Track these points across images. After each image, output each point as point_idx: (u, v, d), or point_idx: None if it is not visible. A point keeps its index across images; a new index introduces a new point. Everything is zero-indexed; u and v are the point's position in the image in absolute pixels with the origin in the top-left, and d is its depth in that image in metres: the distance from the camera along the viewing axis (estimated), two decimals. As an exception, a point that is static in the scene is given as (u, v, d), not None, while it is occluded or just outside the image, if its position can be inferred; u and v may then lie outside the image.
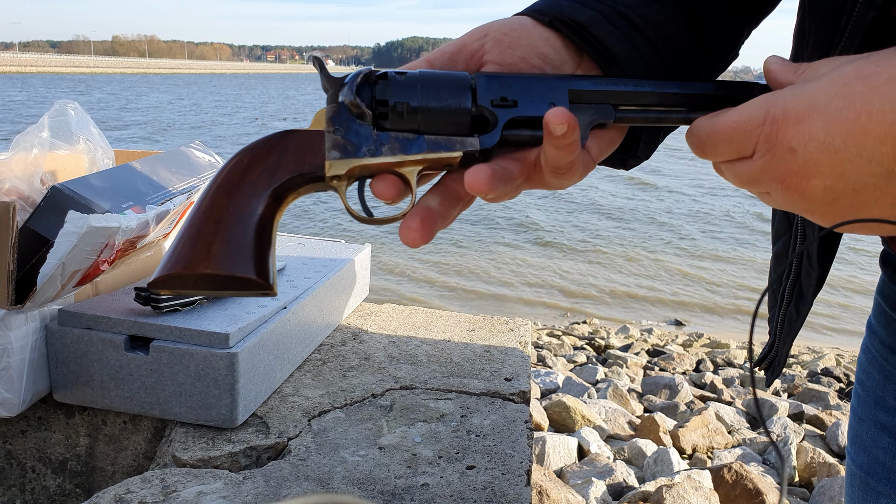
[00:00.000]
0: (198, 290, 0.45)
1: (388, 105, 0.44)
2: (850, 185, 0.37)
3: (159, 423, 0.99)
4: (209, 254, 0.43)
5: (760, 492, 1.94)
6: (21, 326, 0.89)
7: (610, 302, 6.75)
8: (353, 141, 0.44)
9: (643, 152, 0.55)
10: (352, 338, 1.24)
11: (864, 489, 0.66)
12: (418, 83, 0.45)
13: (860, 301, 6.65)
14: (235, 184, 0.44)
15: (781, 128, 0.38)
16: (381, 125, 0.45)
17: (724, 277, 7.58)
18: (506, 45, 0.48)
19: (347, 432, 0.92)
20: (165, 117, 24.73)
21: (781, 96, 0.39)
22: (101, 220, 0.86)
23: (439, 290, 6.78)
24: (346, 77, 0.45)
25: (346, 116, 0.44)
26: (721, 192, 12.97)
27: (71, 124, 1.03)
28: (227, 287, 0.44)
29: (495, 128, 0.45)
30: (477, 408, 1.01)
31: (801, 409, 2.93)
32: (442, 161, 0.45)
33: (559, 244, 8.70)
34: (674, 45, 0.51)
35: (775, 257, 0.67)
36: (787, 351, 0.68)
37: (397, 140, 0.44)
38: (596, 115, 0.46)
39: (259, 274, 0.43)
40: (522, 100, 0.45)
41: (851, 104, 0.35)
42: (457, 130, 0.45)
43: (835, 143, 0.36)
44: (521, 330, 1.33)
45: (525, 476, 0.85)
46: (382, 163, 0.44)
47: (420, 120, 0.44)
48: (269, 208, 0.44)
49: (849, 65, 0.37)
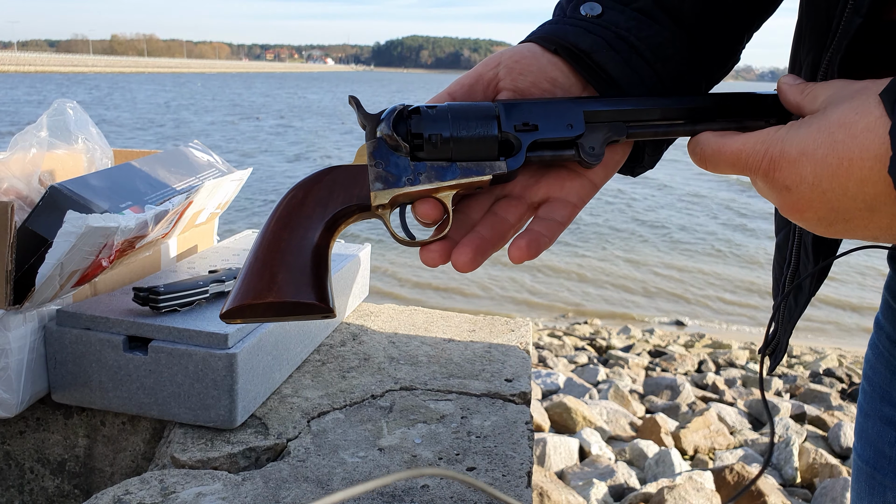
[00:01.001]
0: (266, 318, 0.49)
1: (423, 137, 0.49)
2: (840, 216, 0.42)
3: (158, 424, 0.98)
4: (275, 283, 0.48)
5: (762, 493, 1.93)
6: (19, 327, 0.88)
7: (611, 302, 6.75)
8: (393, 172, 0.50)
9: (648, 163, 0.60)
10: (351, 338, 1.24)
11: (870, 483, 0.67)
12: (448, 115, 0.50)
13: (862, 301, 6.64)
14: (293, 217, 0.49)
15: (777, 168, 0.43)
16: (416, 156, 0.50)
17: (727, 277, 7.57)
18: (517, 73, 0.53)
19: (347, 433, 0.92)
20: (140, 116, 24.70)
21: (780, 138, 0.43)
22: (100, 220, 0.85)
23: (439, 290, 6.78)
24: (382, 114, 0.51)
25: (385, 150, 0.50)
26: (720, 191, 12.96)
27: (69, 124, 1.02)
28: (293, 313, 0.49)
29: (520, 151, 0.50)
30: (477, 409, 1.00)
31: (802, 410, 2.92)
32: (474, 184, 0.50)
33: (559, 244, 8.70)
34: (673, 63, 0.54)
35: (777, 248, 0.69)
36: (788, 338, 0.71)
37: (433, 168, 0.50)
38: (610, 133, 0.51)
39: (320, 299, 0.48)
40: (542, 123, 0.51)
41: (834, 151, 0.40)
42: (485, 155, 0.50)
43: (822, 184, 0.41)
44: (521, 330, 1.32)
45: (526, 477, 0.84)
46: (421, 190, 0.50)
47: (452, 149, 0.50)
48: (323, 237, 0.49)
49: (835, 111, 0.41)
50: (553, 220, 0.51)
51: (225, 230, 1.35)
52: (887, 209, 0.39)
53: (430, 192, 0.50)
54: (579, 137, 0.50)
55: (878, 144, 0.38)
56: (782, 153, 0.43)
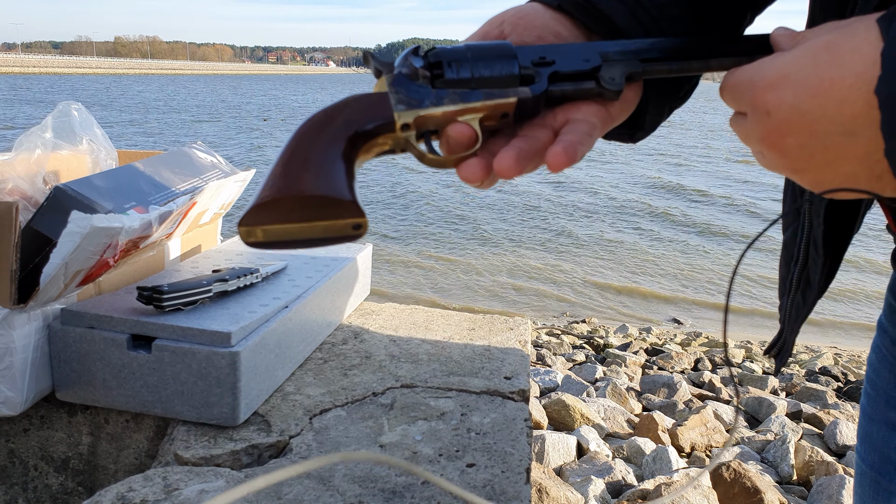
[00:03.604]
0: (289, 229, 0.44)
1: (443, 66, 0.48)
2: (819, 141, 0.41)
3: (161, 422, 0.99)
4: (301, 178, 0.44)
5: (759, 490, 1.95)
6: (24, 326, 0.89)
7: (609, 301, 6.76)
8: (415, 97, 0.48)
9: (649, 124, 0.59)
10: (353, 337, 1.25)
11: (874, 488, 0.66)
12: (468, 54, 0.49)
13: (860, 299, 6.66)
14: (315, 130, 0.47)
15: (760, 93, 0.43)
16: (437, 85, 0.48)
17: (724, 276, 7.58)
18: (523, 28, 0.53)
19: (348, 430, 0.93)
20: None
21: (763, 65, 0.44)
22: (104, 220, 0.86)
23: (439, 290, 6.79)
24: (397, 59, 0.50)
25: (404, 80, 0.48)
26: (720, 190, 12.97)
27: (74, 125, 1.03)
28: (319, 217, 0.44)
29: (540, 80, 0.50)
30: (477, 406, 1.01)
31: (799, 408, 2.94)
32: (499, 107, 0.49)
33: (559, 243, 8.71)
34: (677, 26, 0.55)
35: (784, 246, 0.68)
36: (794, 338, 0.70)
37: (455, 93, 0.48)
38: (627, 67, 0.51)
39: (349, 197, 0.44)
40: (559, 59, 0.50)
41: (816, 72, 0.40)
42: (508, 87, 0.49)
43: (802, 105, 0.40)
44: (520, 329, 1.34)
45: (525, 474, 0.86)
46: (446, 111, 0.48)
47: (473, 84, 0.48)
48: (348, 150, 0.46)
49: (823, 35, 0.41)
50: (580, 131, 0.49)
51: (229, 231, 1.36)
52: (865, 132, 0.38)
53: (455, 115, 0.48)
54: (598, 70, 0.50)
55: (860, 63, 0.38)
56: (764, 78, 0.43)
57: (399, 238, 8.78)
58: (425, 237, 8.89)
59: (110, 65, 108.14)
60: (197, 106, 31.57)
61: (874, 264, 7.77)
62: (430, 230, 9.26)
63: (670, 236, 9.36)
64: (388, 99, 0.48)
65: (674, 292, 7.04)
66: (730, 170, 16.33)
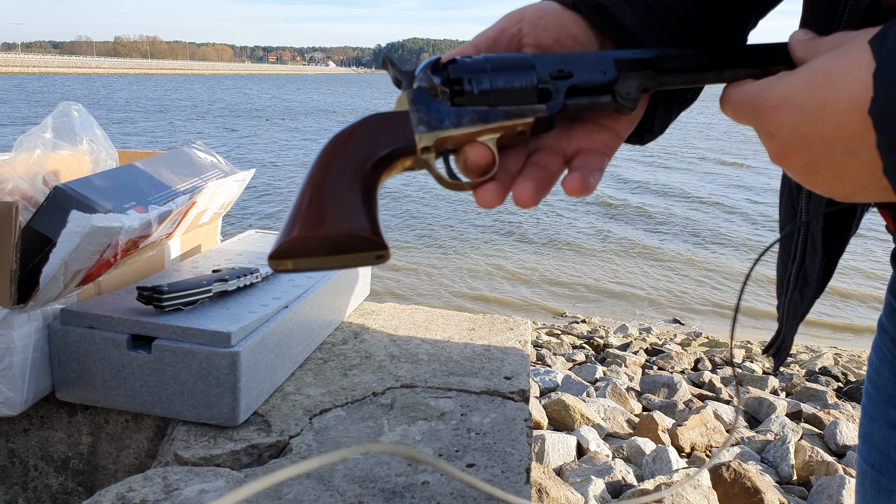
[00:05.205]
0: (317, 262, 0.47)
1: (462, 83, 0.49)
2: (823, 160, 0.42)
3: (161, 422, 0.99)
4: (327, 215, 0.46)
5: (759, 490, 1.95)
6: (24, 325, 0.89)
7: (609, 301, 6.76)
8: (435, 117, 0.49)
9: (658, 127, 0.60)
10: (353, 337, 1.25)
11: (876, 488, 0.66)
12: (487, 66, 0.50)
13: (859, 299, 6.66)
14: (338, 157, 0.48)
15: (761, 115, 0.44)
16: (456, 102, 0.49)
17: (724, 276, 7.59)
18: (541, 28, 0.53)
19: (348, 430, 0.93)
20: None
21: (766, 86, 0.45)
22: (104, 219, 0.86)
23: (439, 290, 6.79)
24: (417, 69, 0.50)
25: (424, 97, 0.49)
26: (720, 189, 12.98)
27: (74, 125, 1.03)
28: (345, 251, 0.46)
29: (558, 96, 0.50)
30: (477, 406, 1.01)
31: (799, 408, 2.93)
32: (516, 127, 0.50)
33: (559, 243, 8.71)
34: (686, 27, 0.55)
35: (781, 243, 0.69)
36: (793, 337, 0.71)
37: (475, 112, 0.49)
38: (643, 80, 0.52)
39: (374, 233, 0.46)
40: (577, 71, 0.51)
41: (812, 97, 0.41)
42: (525, 103, 0.50)
43: (801, 128, 0.42)
44: (520, 329, 1.33)
45: (524, 474, 0.86)
46: (465, 133, 0.49)
47: (492, 98, 0.49)
48: (369, 177, 0.48)
49: (819, 60, 0.42)
50: (590, 165, 0.51)
51: (228, 230, 1.36)
52: (864, 152, 0.39)
53: (474, 136, 0.49)
54: (614, 84, 0.51)
55: (852, 87, 0.39)
56: (765, 101, 0.44)
57: (399, 238, 8.78)
58: (425, 237, 8.89)
59: (110, 65, 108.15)
60: (196, 106, 31.58)
61: (874, 264, 7.77)
62: (430, 230, 9.27)
63: (670, 236, 9.36)
64: (407, 119, 0.49)
65: (674, 292, 7.04)
66: (728, 172, 16.34)
